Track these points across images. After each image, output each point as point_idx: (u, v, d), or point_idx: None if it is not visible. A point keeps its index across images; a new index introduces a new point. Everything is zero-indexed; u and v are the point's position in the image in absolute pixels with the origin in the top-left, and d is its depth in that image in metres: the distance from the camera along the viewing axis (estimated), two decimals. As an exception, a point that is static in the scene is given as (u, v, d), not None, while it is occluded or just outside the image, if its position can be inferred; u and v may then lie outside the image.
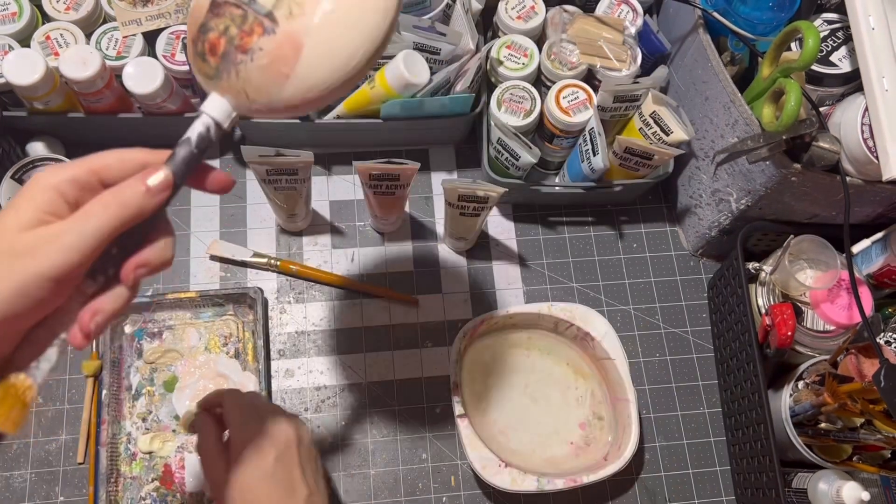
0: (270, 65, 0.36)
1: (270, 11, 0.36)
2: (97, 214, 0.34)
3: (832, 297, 0.70)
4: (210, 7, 0.37)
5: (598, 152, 0.73)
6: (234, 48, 0.36)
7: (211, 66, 0.37)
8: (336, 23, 0.36)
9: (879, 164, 0.62)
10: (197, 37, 0.38)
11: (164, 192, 0.37)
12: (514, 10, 0.79)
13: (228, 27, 0.36)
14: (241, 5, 0.36)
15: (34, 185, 0.35)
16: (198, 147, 0.38)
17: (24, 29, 0.74)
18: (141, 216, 0.36)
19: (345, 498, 0.73)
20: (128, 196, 0.35)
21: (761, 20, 0.70)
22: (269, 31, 0.36)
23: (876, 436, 0.64)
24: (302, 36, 0.36)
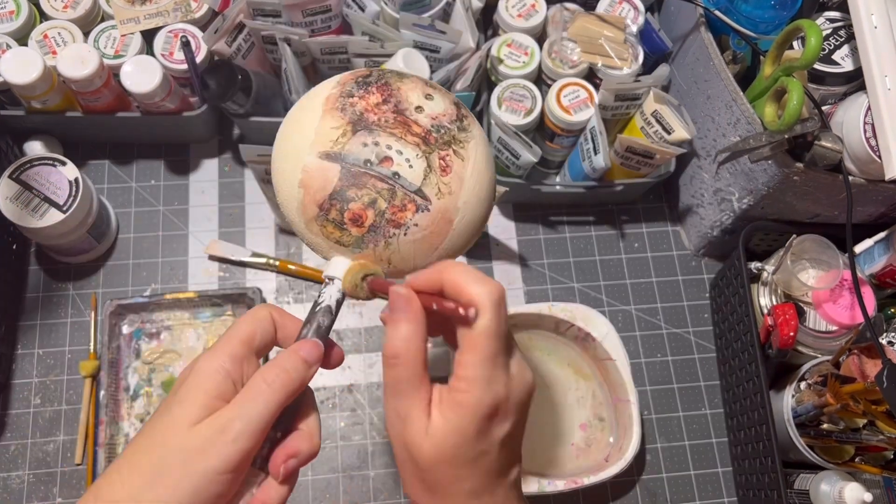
0: (424, 239, 0.39)
1: (420, 188, 0.38)
2: (263, 393, 0.35)
3: (834, 297, 0.70)
4: (342, 174, 0.37)
5: (599, 151, 0.72)
6: (386, 222, 0.38)
7: (351, 236, 0.38)
8: (475, 198, 0.40)
9: (882, 163, 0.61)
10: (329, 203, 0.38)
11: (317, 363, 0.37)
12: (514, 9, 0.79)
13: (376, 200, 0.37)
14: (385, 179, 0.37)
15: (198, 373, 0.35)
16: (334, 313, 0.39)
17: (22, 27, 0.74)
18: (303, 387, 0.37)
19: (344, 500, 0.72)
20: (290, 369, 0.36)
21: (763, 18, 0.70)
22: (422, 209, 0.38)
23: (878, 437, 0.63)
24: (453, 213, 0.39)
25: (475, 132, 0.41)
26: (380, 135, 0.38)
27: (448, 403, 0.35)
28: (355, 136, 0.38)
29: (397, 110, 0.39)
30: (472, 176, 0.39)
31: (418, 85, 0.41)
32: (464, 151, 0.39)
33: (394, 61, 0.70)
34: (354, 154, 0.38)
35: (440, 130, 0.39)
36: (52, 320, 0.76)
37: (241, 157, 0.66)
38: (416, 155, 0.38)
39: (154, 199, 0.82)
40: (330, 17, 0.73)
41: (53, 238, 0.71)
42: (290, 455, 0.36)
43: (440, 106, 0.40)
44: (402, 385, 0.35)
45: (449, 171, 0.38)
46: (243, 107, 0.73)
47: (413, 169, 0.38)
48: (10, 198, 0.68)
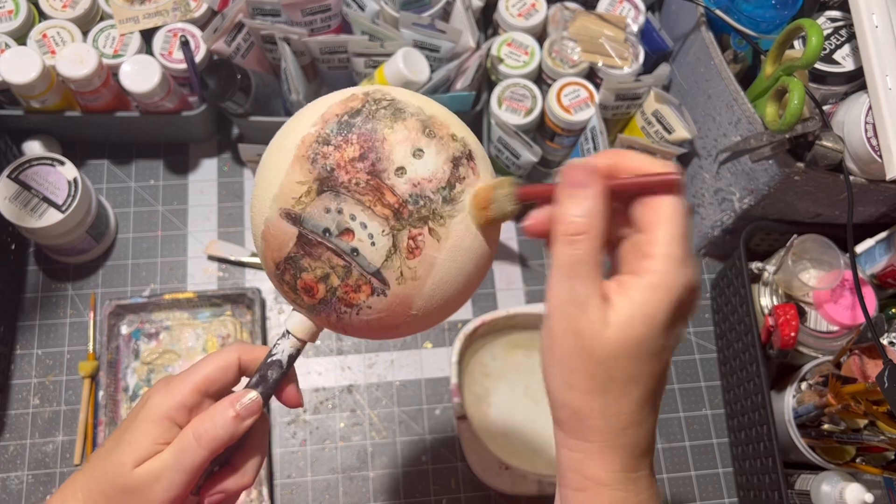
0: (377, 321, 0.35)
1: (379, 270, 0.34)
2: (191, 448, 0.36)
3: (835, 297, 0.70)
4: (299, 240, 0.34)
5: (599, 150, 0.72)
6: (337, 299, 0.35)
7: (305, 303, 0.36)
8: (448, 283, 0.35)
9: (883, 162, 0.61)
10: (284, 266, 0.35)
11: (252, 416, 0.38)
12: (514, 8, 0.79)
13: (329, 276, 0.34)
14: (342, 255, 0.34)
15: (147, 416, 0.37)
16: (287, 367, 0.39)
17: (21, 27, 0.73)
18: (232, 441, 0.37)
19: (344, 500, 0.72)
20: (219, 426, 0.37)
21: (764, 18, 0.70)
22: (378, 292, 0.34)
23: (879, 437, 0.63)
24: (413, 301, 0.35)
25: (467, 202, 0.35)
26: (346, 201, 0.33)
27: (636, 287, 0.31)
28: (319, 198, 0.34)
29: (373, 171, 0.33)
30: (447, 259, 0.34)
31: (411, 134, 0.34)
32: (442, 230, 0.34)
33: (393, 61, 0.70)
34: (314, 220, 0.34)
35: (418, 202, 0.33)
36: (50, 320, 0.76)
37: (241, 156, 0.66)
38: (382, 231, 0.33)
39: (153, 198, 0.81)
40: (329, 16, 0.72)
41: (52, 238, 0.71)
42: (218, 491, 0.39)
43: (429, 167, 0.34)
44: (581, 266, 0.31)
45: (417, 253, 0.34)
46: (242, 106, 0.73)
47: (375, 248, 0.33)
48: (8, 198, 0.68)
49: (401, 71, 0.69)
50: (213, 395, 0.39)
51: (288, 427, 0.74)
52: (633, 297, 0.31)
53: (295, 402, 0.41)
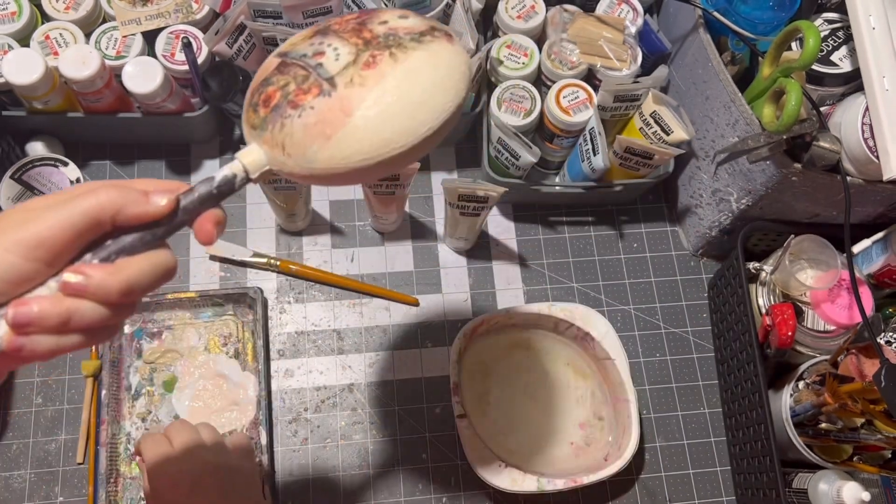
0: (315, 124, 0.36)
1: (333, 76, 0.36)
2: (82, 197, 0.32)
3: (833, 296, 0.70)
4: (278, 66, 0.38)
5: (598, 152, 0.73)
6: (287, 102, 0.37)
7: (259, 117, 0.37)
8: (390, 105, 0.36)
9: (880, 163, 0.61)
10: (256, 89, 0.38)
11: (160, 205, 0.34)
12: (514, 10, 0.79)
13: (288, 84, 0.37)
14: (306, 67, 0.37)
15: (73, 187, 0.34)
16: (218, 188, 0.37)
17: (24, 28, 0.74)
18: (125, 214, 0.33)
19: (344, 498, 0.72)
20: (122, 191, 0.33)
21: (762, 20, 0.70)
22: (324, 93, 0.36)
23: (876, 436, 0.64)
24: (354, 105, 0.36)
25: (435, 48, 0.38)
26: (330, 37, 0.38)
27: None
28: (311, 38, 0.39)
29: (361, 22, 0.38)
30: (399, 76, 0.36)
31: (402, 11, 0.40)
32: (402, 55, 0.37)
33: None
34: (297, 50, 0.38)
35: (388, 38, 0.37)
36: (53, 320, 0.76)
37: (242, 157, 0.67)
38: (349, 52, 0.37)
39: (155, 199, 0.82)
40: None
41: (55, 238, 0.71)
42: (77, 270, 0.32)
43: (408, 22, 0.39)
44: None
45: (373, 66, 0.36)
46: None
47: (337, 61, 0.37)
48: (11, 198, 0.68)
49: (401, 72, 0.69)
50: None
51: (289, 426, 0.74)
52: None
53: (207, 232, 0.37)
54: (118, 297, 0.33)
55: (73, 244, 0.33)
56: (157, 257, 0.35)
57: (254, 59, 0.76)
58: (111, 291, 0.33)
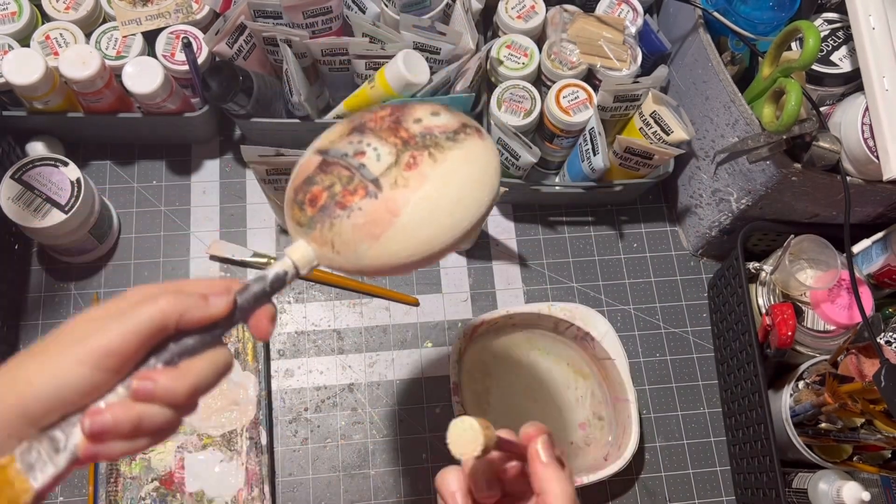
0: (364, 224, 0.38)
1: (377, 178, 0.38)
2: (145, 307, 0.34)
3: (832, 296, 0.70)
4: (320, 164, 0.40)
5: (598, 152, 0.73)
6: (335, 203, 0.38)
7: (306, 216, 0.39)
8: (433, 205, 0.38)
9: (880, 163, 0.61)
10: (300, 187, 0.40)
11: (219, 307, 0.36)
12: (514, 10, 0.79)
13: (334, 184, 0.39)
14: (350, 168, 0.39)
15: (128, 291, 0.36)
16: (271, 286, 0.39)
17: (24, 28, 0.74)
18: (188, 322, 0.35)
19: (345, 498, 0.72)
20: (182, 297, 0.35)
21: (762, 20, 0.70)
22: (371, 195, 0.38)
23: (876, 436, 0.64)
24: (400, 206, 0.38)
25: (469, 146, 0.40)
26: (368, 136, 0.39)
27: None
28: (348, 136, 0.40)
29: (396, 120, 0.40)
30: (440, 177, 0.38)
31: (434, 106, 0.42)
32: (440, 155, 0.39)
33: (394, 63, 0.70)
34: (337, 148, 0.40)
35: (425, 137, 0.39)
36: (53, 320, 0.76)
37: (243, 157, 0.67)
38: (389, 151, 0.39)
39: (155, 199, 0.82)
40: (331, 18, 0.73)
41: (55, 238, 0.72)
42: (146, 377, 0.34)
43: (440, 120, 0.41)
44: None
45: (413, 167, 0.38)
46: (244, 108, 0.74)
47: (379, 162, 0.38)
48: (12, 198, 0.69)
49: (401, 73, 0.70)
50: None
51: (289, 425, 0.74)
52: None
53: (263, 328, 0.38)
54: (185, 400, 0.35)
55: (139, 352, 0.34)
56: (217, 356, 0.37)
57: (254, 59, 0.76)
58: (179, 395, 0.34)
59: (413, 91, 0.72)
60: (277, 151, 0.66)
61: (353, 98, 0.75)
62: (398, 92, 0.72)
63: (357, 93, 0.75)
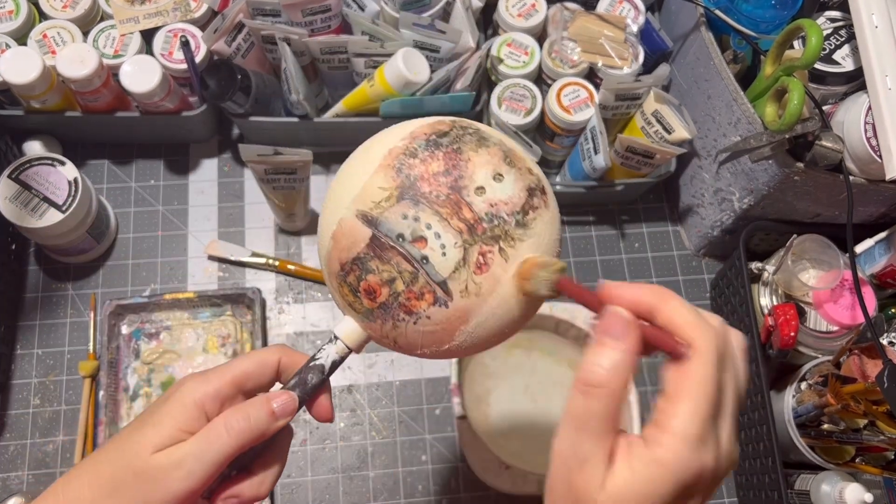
0: (433, 333, 0.35)
1: (445, 281, 0.34)
2: (220, 438, 0.35)
3: (835, 297, 0.70)
4: (371, 242, 0.34)
5: (599, 151, 0.72)
6: (398, 305, 0.35)
7: (363, 306, 0.36)
8: (504, 311, 0.35)
9: (883, 163, 0.61)
10: (350, 267, 0.35)
11: (287, 417, 0.37)
12: (514, 8, 0.79)
13: (395, 280, 0.34)
14: (412, 261, 0.34)
15: (179, 399, 0.36)
16: (329, 373, 0.38)
17: (21, 27, 0.73)
18: (262, 439, 0.37)
19: (344, 500, 0.72)
20: (253, 420, 0.36)
21: (764, 18, 0.70)
22: (440, 303, 0.34)
23: (879, 437, 0.63)
24: (471, 317, 0.35)
25: (539, 230, 0.35)
26: (424, 210, 0.34)
27: (641, 457, 0.29)
28: (398, 204, 0.34)
29: (455, 186, 0.34)
30: (511, 281, 0.34)
31: (494, 159, 0.35)
32: (512, 251, 0.34)
33: (394, 61, 0.70)
34: (390, 224, 0.34)
35: (493, 221, 0.34)
36: (51, 320, 0.76)
37: (241, 156, 0.66)
38: (455, 243, 0.34)
39: (153, 198, 0.82)
40: (329, 16, 0.72)
41: (53, 238, 0.71)
42: (232, 495, 0.37)
43: (506, 191, 0.35)
44: (593, 421, 0.30)
45: (485, 269, 0.34)
46: (243, 106, 0.73)
47: (445, 258, 0.34)
48: (9, 198, 0.68)
49: (401, 71, 0.69)
50: (247, 391, 0.38)
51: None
52: (635, 468, 0.29)
53: (326, 414, 0.39)
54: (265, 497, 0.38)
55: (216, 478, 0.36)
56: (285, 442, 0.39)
57: (252, 58, 0.75)
58: (263, 497, 0.38)
59: (413, 90, 0.72)
60: (276, 150, 0.66)
61: (352, 97, 0.75)
62: (398, 90, 0.71)
63: (356, 91, 0.74)
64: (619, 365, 0.30)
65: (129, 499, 0.34)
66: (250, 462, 0.38)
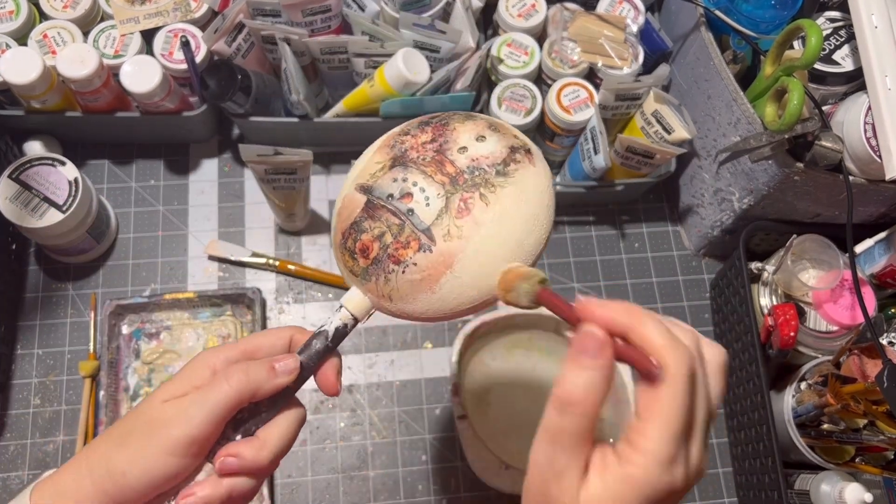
0: (421, 280, 0.37)
1: (429, 228, 0.36)
2: (220, 387, 0.36)
3: (835, 297, 0.70)
4: (365, 206, 0.38)
5: (599, 151, 0.72)
6: (388, 256, 0.37)
7: (359, 266, 0.38)
8: (488, 255, 0.36)
9: (882, 163, 0.61)
10: (348, 232, 0.38)
11: (287, 376, 0.38)
12: (514, 8, 0.79)
13: (384, 234, 0.37)
14: (398, 214, 0.37)
15: (192, 363, 0.39)
16: (333, 341, 0.39)
17: (22, 27, 0.73)
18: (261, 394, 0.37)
19: (344, 500, 0.72)
20: (252, 373, 0.37)
21: (764, 18, 0.70)
22: (424, 248, 0.36)
23: (879, 437, 0.63)
24: (455, 259, 0.36)
25: (521, 179, 0.37)
26: (412, 171, 0.37)
27: (614, 473, 0.31)
28: (390, 171, 0.38)
29: (440, 149, 0.38)
30: (494, 222, 0.36)
31: (478, 126, 0.39)
32: (492, 196, 0.36)
33: (394, 61, 0.70)
34: (382, 187, 0.37)
35: (474, 172, 0.37)
36: (51, 320, 0.76)
37: (241, 156, 0.66)
38: (438, 194, 0.36)
39: (154, 198, 0.82)
40: (329, 16, 0.72)
41: (53, 238, 0.71)
42: (231, 454, 0.37)
43: (488, 147, 0.38)
44: (566, 436, 0.31)
45: (465, 213, 0.36)
46: (243, 106, 0.73)
47: (429, 207, 0.36)
48: (9, 198, 0.68)
49: (401, 71, 0.69)
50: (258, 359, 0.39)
51: (288, 427, 0.74)
52: (608, 482, 0.31)
53: (331, 384, 0.40)
54: (268, 467, 0.38)
55: (218, 431, 0.37)
56: (292, 416, 0.39)
57: (253, 58, 0.76)
58: (263, 464, 0.37)
59: (413, 90, 0.72)
60: (276, 151, 0.66)
61: (352, 97, 0.75)
62: (398, 90, 0.71)
63: (356, 91, 0.74)
64: (593, 385, 0.31)
65: (135, 443, 0.36)
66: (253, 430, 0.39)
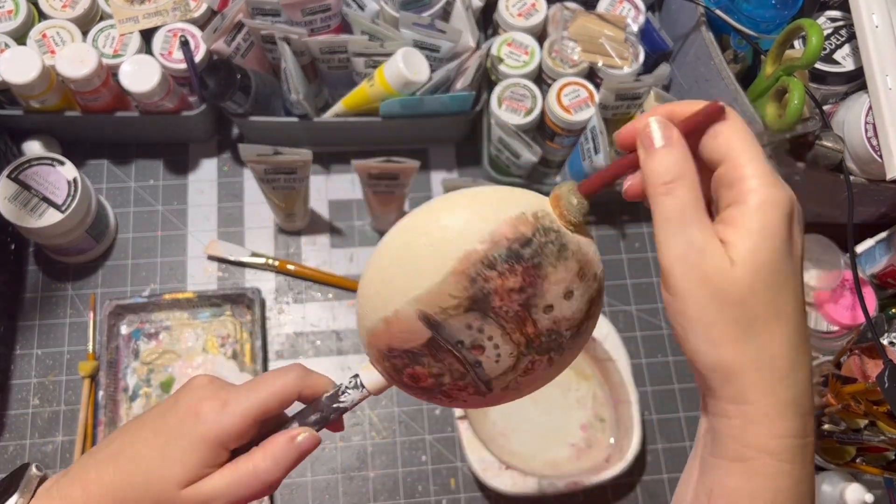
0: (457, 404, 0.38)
1: (490, 380, 0.35)
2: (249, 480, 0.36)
3: (836, 297, 0.70)
4: (428, 342, 0.34)
5: (599, 151, 0.72)
6: (440, 391, 0.36)
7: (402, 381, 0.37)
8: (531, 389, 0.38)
9: (883, 162, 0.61)
10: (399, 354, 0.35)
11: (310, 452, 0.38)
12: (514, 8, 0.79)
13: (443, 375, 0.35)
14: (465, 364, 0.34)
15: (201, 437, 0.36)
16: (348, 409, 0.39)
17: (21, 27, 0.73)
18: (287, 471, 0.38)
19: (344, 500, 0.72)
20: (280, 459, 0.37)
21: (764, 18, 0.70)
22: (479, 393, 0.36)
23: (880, 437, 0.63)
24: (506, 401, 0.38)
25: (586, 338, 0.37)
26: (490, 324, 0.33)
27: (744, 214, 0.30)
28: (466, 315, 0.33)
29: (525, 305, 0.33)
30: (547, 379, 0.37)
31: (568, 276, 0.34)
32: (559, 359, 0.36)
33: (393, 61, 0.69)
34: (452, 331, 0.34)
35: (551, 336, 0.35)
36: (50, 320, 0.76)
37: (241, 156, 0.66)
38: (509, 352, 0.34)
39: (153, 198, 0.81)
40: (329, 15, 0.72)
41: (52, 238, 0.71)
42: None
43: (572, 308, 0.35)
44: (689, 212, 0.30)
45: (531, 373, 0.35)
46: (242, 106, 0.73)
47: (497, 364, 0.34)
48: (8, 198, 0.68)
49: (401, 71, 0.69)
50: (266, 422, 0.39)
51: (288, 427, 0.74)
52: (747, 225, 0.30)
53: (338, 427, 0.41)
54: None
55: None
56: None
57: (252, 58, 0.75)
58: None
59: (413, 89, 0.71)
60: (275, 150, 0.66)
61: (352, 96, 0.75)
62: (398, 90, 0.71)
63: (356, 91, 0.74)
64: (682, 156, 0.31)
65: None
66: None
